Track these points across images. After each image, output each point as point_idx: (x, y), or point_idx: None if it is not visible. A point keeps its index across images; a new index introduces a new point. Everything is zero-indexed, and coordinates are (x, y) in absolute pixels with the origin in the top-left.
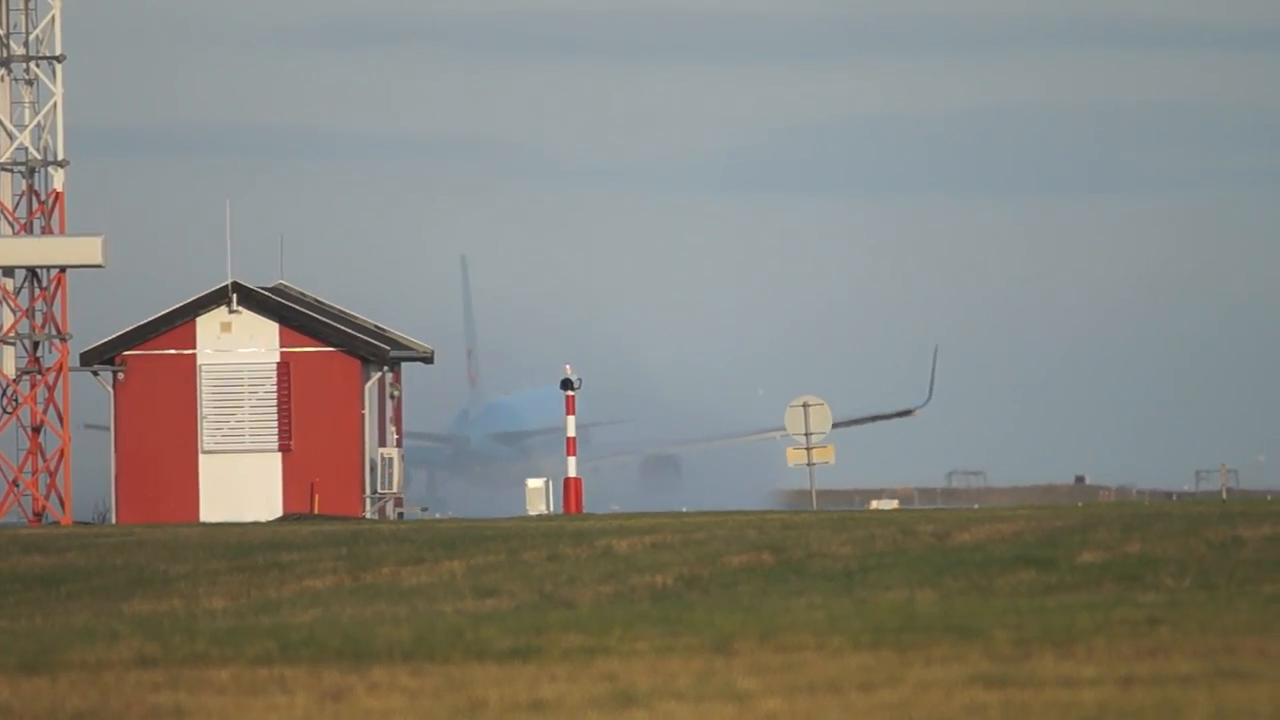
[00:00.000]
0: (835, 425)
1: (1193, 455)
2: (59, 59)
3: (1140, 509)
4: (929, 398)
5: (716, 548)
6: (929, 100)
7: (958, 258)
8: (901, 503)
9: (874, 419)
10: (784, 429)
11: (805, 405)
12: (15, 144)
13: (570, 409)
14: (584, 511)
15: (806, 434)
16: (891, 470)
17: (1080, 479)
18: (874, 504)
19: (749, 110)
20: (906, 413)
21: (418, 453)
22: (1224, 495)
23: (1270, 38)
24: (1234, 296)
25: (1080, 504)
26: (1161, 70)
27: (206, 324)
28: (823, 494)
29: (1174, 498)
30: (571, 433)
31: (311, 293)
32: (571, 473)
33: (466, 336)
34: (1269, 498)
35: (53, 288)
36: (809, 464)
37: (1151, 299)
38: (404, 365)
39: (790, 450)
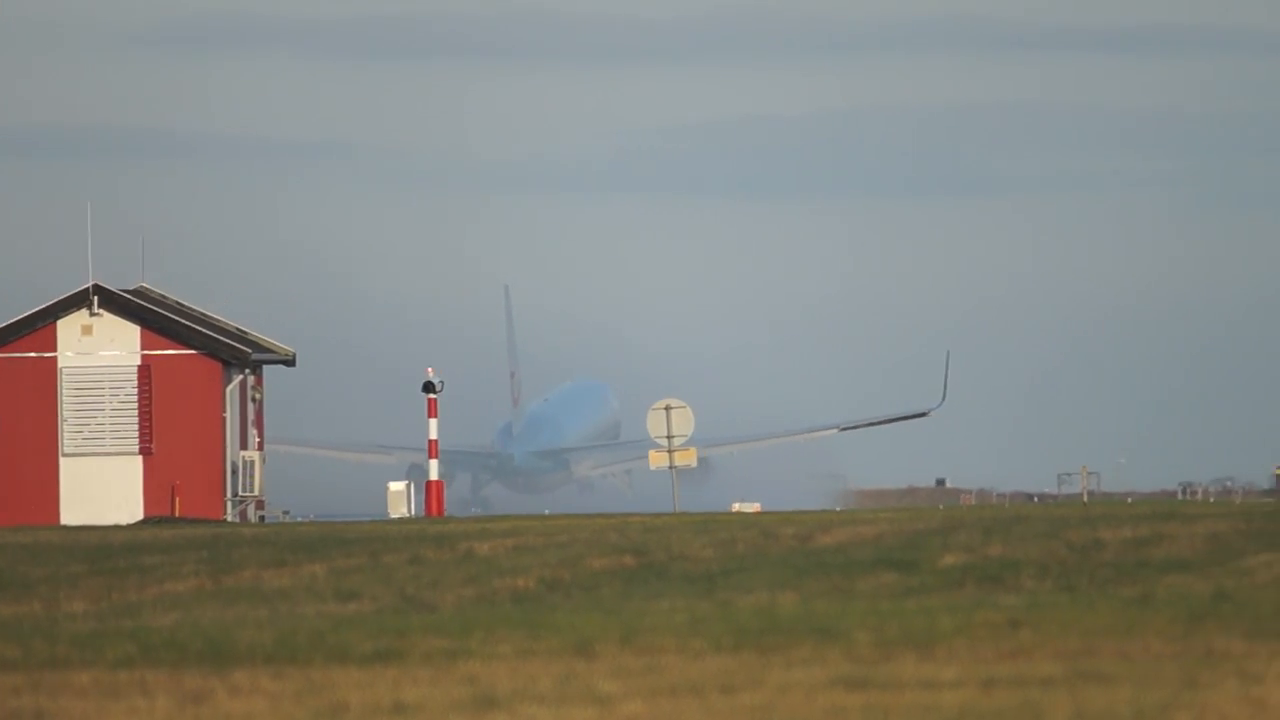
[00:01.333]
0: (847, 428)
1: (1055, 458)
2: None
3: (1001, 512)
4: (943, 399)
5: (578, 550)
6: (795, 103)
7: (822, 259)
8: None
9: (889, 421)
10: (839, 425)
11: (668, 408)
12: None
13: (432, 412)
14: (446, 514)
15: (669, 436)
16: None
17: (941, 481)
18: (736, 506)
19: (624, 112)
20: (921, 414)
21: (459, 457)
22: (1085, 498)
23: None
24: (1096, 301)
25: (941, 506)
26: (1019, 72)
27: (67, 327)
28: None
29: (1035, 500)
30: (434, 435)
31: (173, 295)
32: (433, 476)
33: (510, 360)
34: (1129, 500)
35: None
36: (671, 466)
37: (1011, 303)
38: (266, 368)
39: (652, 453)
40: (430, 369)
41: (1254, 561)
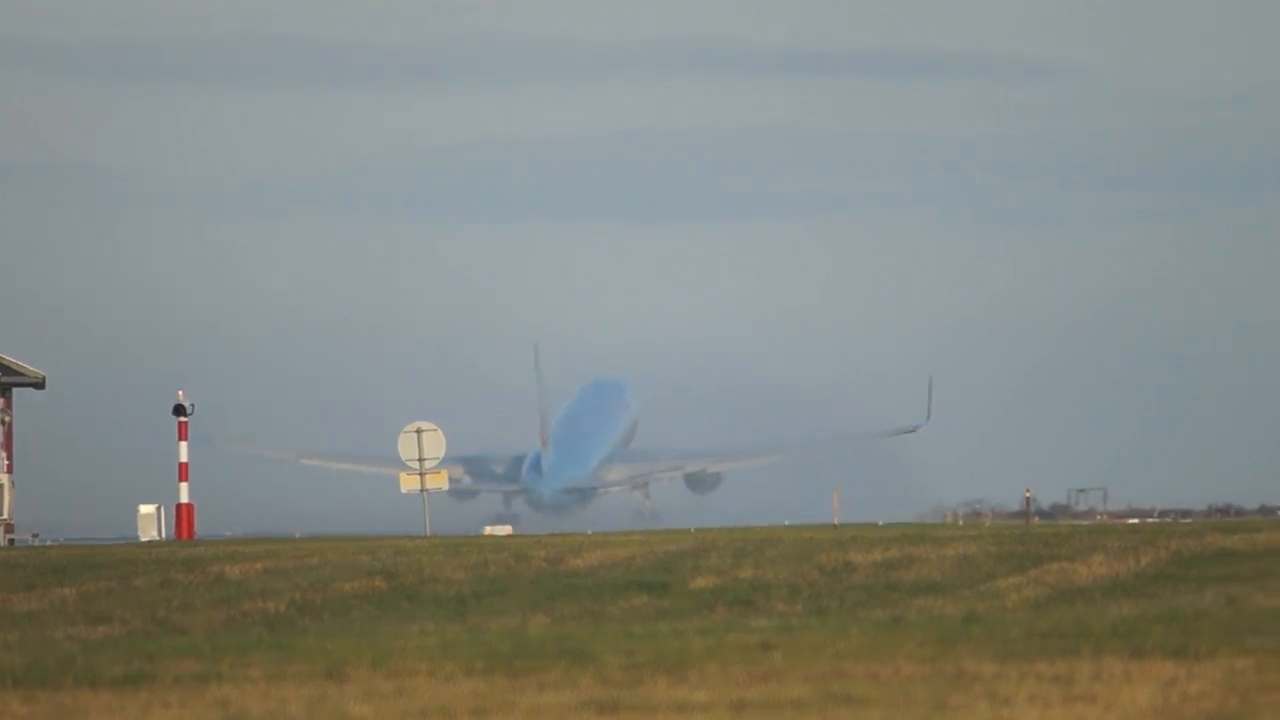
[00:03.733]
0: (830, 442)
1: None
2: None
3: (752, 534)
4: (928, 417)
5: (329, 573)
6: (567, 124)
7: (582, 278)
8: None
9: (876, 435)
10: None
11: (419, 431)
12: None
13: (183, 435)
14: (196, 537)
15: (420, 460)
16: (500, 497)
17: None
18: (488, 529)
19: (366, 134)
20: (910, 430)
21: (488, 474)
22: (836, 521)
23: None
24: (862, 317)
25: (693, 530)
26: (773, 96)
27: None
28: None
29: (786, 523)
30: (184, 458)
31: None
32: (184, 499)
33: (539, 405)
34: (880, 523)
35: None
36: (422, 490)
37: (770, 321)
38: (15, 391)
39: (403, 476)
40: (180, 392)
41: (1004, 584)
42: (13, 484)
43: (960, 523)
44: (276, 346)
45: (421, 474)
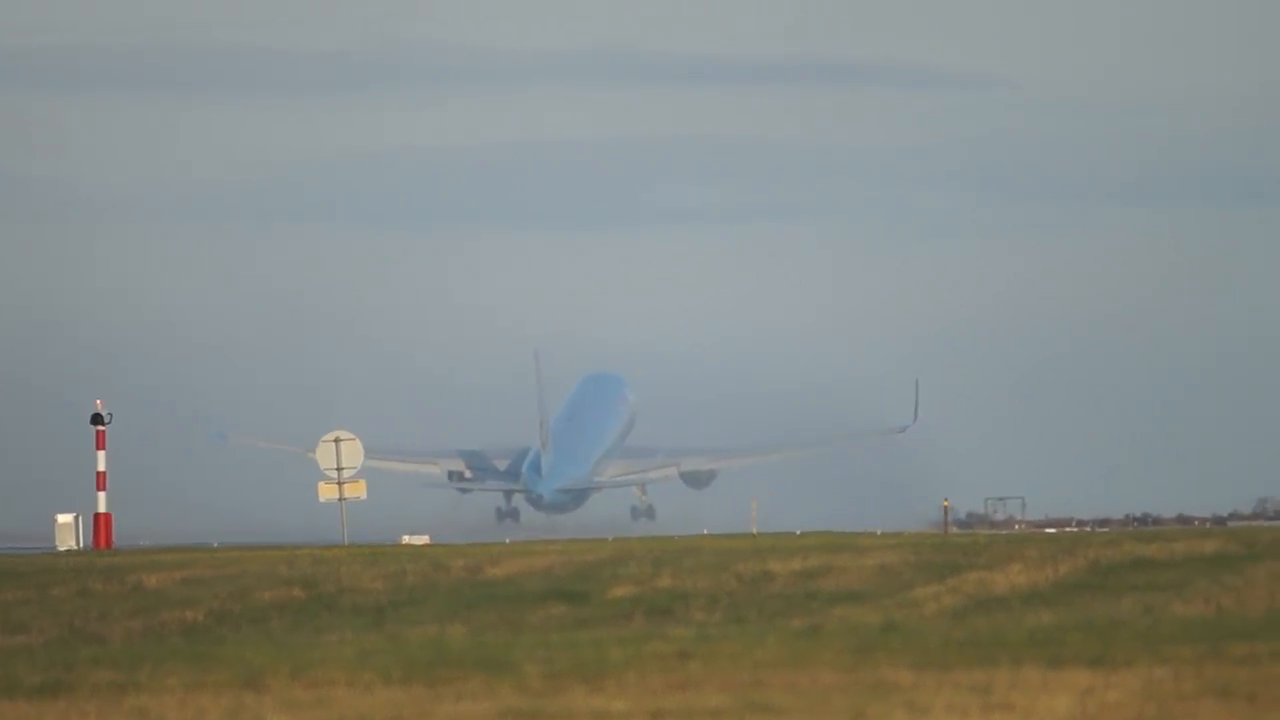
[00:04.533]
0: (824, 442)
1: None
2: None
3: (671, 544)
4: (915, 418)
5: (247, 583)
6: (454, 135)
7: (477, 286)
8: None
9: (868, 434)
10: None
11: (337, 441)
12: None
13: (100, 444)
14: (114, 546)
15: (338, 468)
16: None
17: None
18: (405, 539)
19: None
20: (901, 430)
21: (488, 470)
22: (754, 530)
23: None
24: (759, 329)
25: (611, 538)
26: (681, 105)
27: None
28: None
29: (705, 532)
30: (102, 467)
31: None
32: (101, 508)
33: (540, 411)
34: (799, 532)
35: None
36: (340, 499)
37: (674, 330)
38: None
39: (322, 485)
40: (100, 401)
41: (922, 593)
42: None
43: (879, 532)
44: (194, 353)
45: (340, 483)
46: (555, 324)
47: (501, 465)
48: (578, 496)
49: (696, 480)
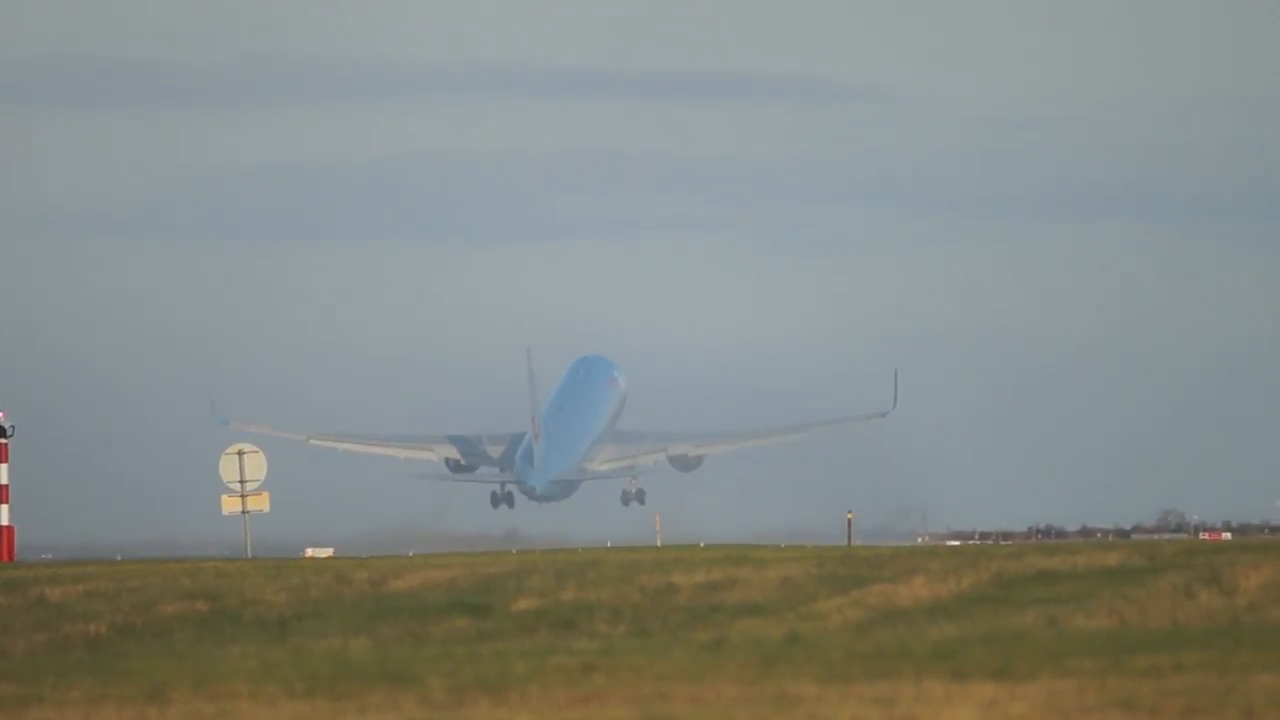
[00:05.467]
0: (807, 428)
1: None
2: None
3: (575, 556)
4: (895, 404)
5: (150, 595)
6: (340, 148)
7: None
8: (336, 551)
9: (849, 420)
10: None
11: (240, 453)
12: None
13: (3, 457)
14: (16, 560)
15: (241, 481)
16: (329, 522)
17: (513, 530)
18: (309, 551)
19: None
20: (880, 415)
21: (483, 458)
22: (659, 543)
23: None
24: (671, 343)
25: (515, 551)
26: (579, 118)
27: None
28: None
29: (608, 545)
30: (4, 480)
31: None
32: (4, 521)
33: (531, 406)
34: (702, 545)
35: None
36: (244, 511)
37: (555, 343)
38: None
39: (225, 498)
40: (1, 413)
41: (825, 605)
42: None
43: (782, 545)
44: (100, 364)
45: (243, 495)
46: (463, 337)
47: (495, 452)
48: (569, 486)
49: (684, 465)
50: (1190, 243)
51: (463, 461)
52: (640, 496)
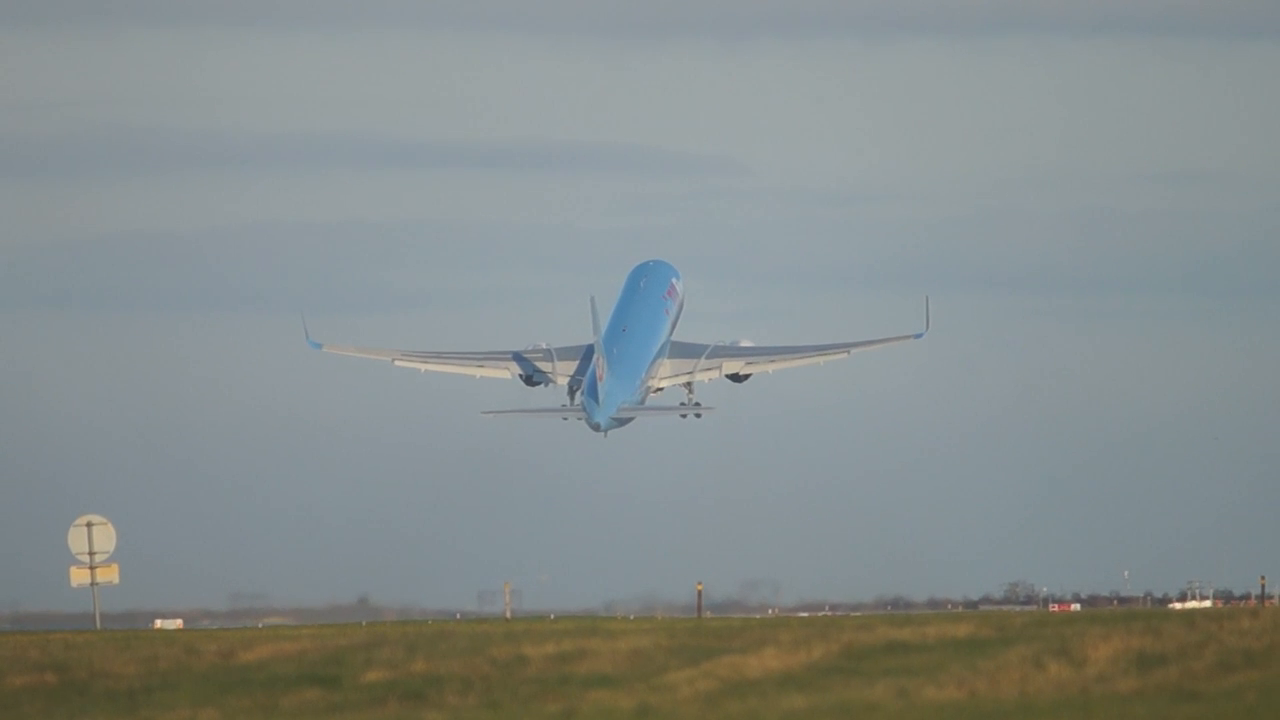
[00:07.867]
0: (848, 347)
1: (476, 575)
2: None
3: (425, 628)
4: (927, 327)
5: None
6: (187, 218)
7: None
8: (185, 623)
9: (883, 341)
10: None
11: (89, 525)
12: None
13: None
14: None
15: (90, 553)
16: (178, 590)
17: (364, 599)
18: (158, 623)
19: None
20: (916, 336)
21: (546, 377)
22: (508, 614)
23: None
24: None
25: (364, 623)
26: (415, 189)
27: None
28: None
29: (458, 616)
30: None
31: None
32: None
33: (596, 345)
34: (553, 617)
35: None
36: (93, 584)
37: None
38: None
39: (74, 569)
40: None
41: (676, 676)
42: None
43: (632, 617)
44: None
45: (92, 567)
46: (300, 407)
47: (565, 372)
48: (623, 422)
49: (736, 378)
50: (1025, 314)
51: (535, 377)
52: (697, 408)
